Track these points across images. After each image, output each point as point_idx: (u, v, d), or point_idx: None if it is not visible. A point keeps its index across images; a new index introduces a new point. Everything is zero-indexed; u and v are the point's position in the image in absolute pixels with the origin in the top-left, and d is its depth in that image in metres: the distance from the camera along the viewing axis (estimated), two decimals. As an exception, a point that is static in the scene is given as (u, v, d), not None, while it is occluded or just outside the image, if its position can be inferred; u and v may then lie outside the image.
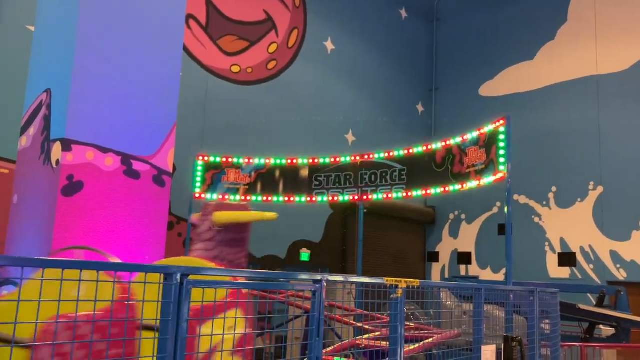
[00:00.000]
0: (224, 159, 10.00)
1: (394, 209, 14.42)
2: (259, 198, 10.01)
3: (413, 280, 3.61)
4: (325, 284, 2.95)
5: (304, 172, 9.98)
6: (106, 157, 5.37)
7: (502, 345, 4.93)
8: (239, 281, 2.68)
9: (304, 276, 3.07)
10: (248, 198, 10.06)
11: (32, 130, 5.72)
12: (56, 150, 5.22)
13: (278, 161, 10.04)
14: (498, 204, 14.99)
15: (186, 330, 2.27)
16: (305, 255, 12.52)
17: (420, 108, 16.85)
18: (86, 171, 5.21)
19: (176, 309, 2.26)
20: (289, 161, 10.02)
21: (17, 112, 6.39)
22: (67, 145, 5.15)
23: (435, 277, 15.98)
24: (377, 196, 9.62)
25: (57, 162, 5.17)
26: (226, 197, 10.06)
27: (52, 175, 5.18)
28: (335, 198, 9.89)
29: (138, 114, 5.58)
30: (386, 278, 3.44)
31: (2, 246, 5.67)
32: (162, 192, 5.73)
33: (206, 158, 10.00)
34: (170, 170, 5.86)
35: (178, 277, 2.29)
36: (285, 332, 10.35)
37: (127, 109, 5.50)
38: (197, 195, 9.82)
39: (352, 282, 3.61)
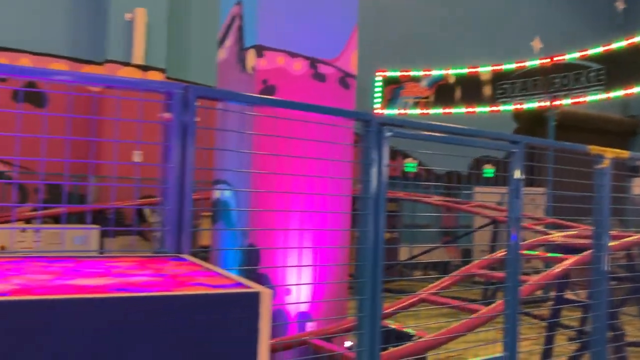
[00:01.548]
0: (402, 73, 9.92)
1: (589, 120, 13.14)
2: (439, 111, 9.83)
3: (621, 151, 3.32)
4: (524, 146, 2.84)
5: (487, 80, 9.52)
6: (295, 62, 5.64)
7: None
8: (434, 134, 2.68)
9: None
10: (427, 111, 9.93)
11: (228, 42, 6.19)
12: (250, 57, 5.61)
13: (458, 71, 9.68)
14: None
15: (385, 173, 2.34)
16: (489, 171, 12.12)
17: (620, 5, 14.85)
18: (278, 75, 5.54)
19: (377, 153, 2.34)
20: (470, 70, 9.62)
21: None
22: (260, 51, 5.50)
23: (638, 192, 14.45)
24: (570, 101, 8.87)
25: (253, 68, 5.56)
26: (406, 111, 10.04)
27: (249, 81, 5.60)
28: (521, 106, 9.33)
29: (322, 17, 5.74)
30: (591, 147, 3.20)
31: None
32: (347, 94, 5.90)
33: (384, 73, 9.99)
34: (355, 72, 5.98)
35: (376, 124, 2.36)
36: (472, 245, 10.28)
37: (312, 13, 5.68)
38: (377, 111, 9.93)
39: (552, 146, 3.39)
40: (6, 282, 1.29)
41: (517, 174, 2.87)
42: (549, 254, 5.14)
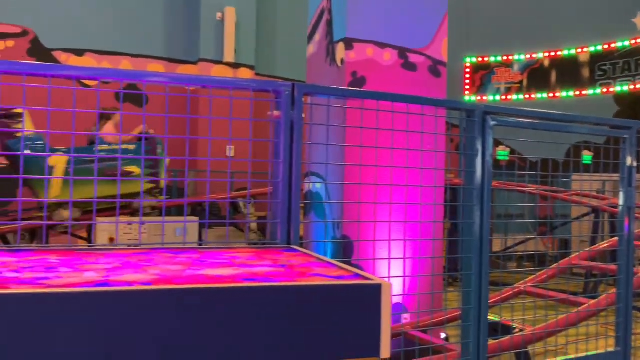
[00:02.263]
0: (493, 58, 9.61)
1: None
2: (528, 96, 9.44)
3: None
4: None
5: (585, 62, 9.03)
6: (384, 52, 5.63)
7: None
8: (533, 121, 2.60)
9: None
10: (510, 97, 9.56)
11: (317, 37, 6.27)
12: (340, 50, 5.66)
13: (552, 54, 9.25)
14: None
15: (490, 163, 2.30)
16: (587, 158, 11.51)
17: None
18: (368, 67, 5.55)
19: (481, 143, 2.30)
20: (566, 52, 9.16)
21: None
22: (349, 44, 5.53)
23: None
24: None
25: (342, 61, 5.61)
26: (488, 97, 9.73)
27: (339, 74, 5.66)
28: (612, 89, 8.77)
29: (411, 5, 5.68)
30: None
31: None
32: (438, 82, 5.82)
33: (474, 59, 9.72)
34: (445, 60, 5.87)
35: (480, 114, 2.32)
36: (569, 236, 9.82)
37: (401, 2, 5.64)
38: (466, 98, 9.70)
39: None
40: (144, 273, 1.40)
41: (630, 161, 2.73)
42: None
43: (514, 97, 9.51)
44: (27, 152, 5.65)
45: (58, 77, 1.96)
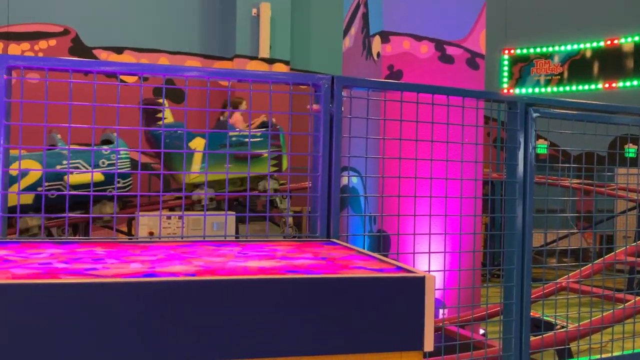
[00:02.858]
0: (532, 50, 9.41)
1: None
2: (570, 88, 9.21)
3: None
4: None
5: (629, 52, 8.75)
6: (421, 45, 5.56)
7: None
8: (576, 112, 2.53)
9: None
10: (556, 89, 9.34)
11: (353, 31, 6.25)
12: (376, 43, 5.62)
13: (594, 44, 9.00)
14: None
15: (534, 156, 2.26)
16: (631, 151, 11.17)
17: None
18: (404, 60, 5.50)
19: (523, 136, 2.26)
20: (609, 42, 8.90)
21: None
22: (385, 37, 5.49)
23: None
24: None
25: (378, 54, 5.57)
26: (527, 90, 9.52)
27: (375, 67, 5.62)
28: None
29: (448, -3, 5.60)
30: None
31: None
32: (476, 75, 5.73)
33: (512, 51, 9.54)
34: (483, 52, 5.78)
35: (522, 105, 2.27)
36: (612, 231, 9.56)
37: (438, -6, 5.56)
38: (505, 90, 9.53)
39: None
40: (189, 264, 1.42)
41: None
42: None
43: (554, 89, 9.30)
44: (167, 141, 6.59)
45: (101, 73, 2.01)
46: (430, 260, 2.44)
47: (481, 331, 5.43)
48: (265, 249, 1.74)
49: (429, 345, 1.26)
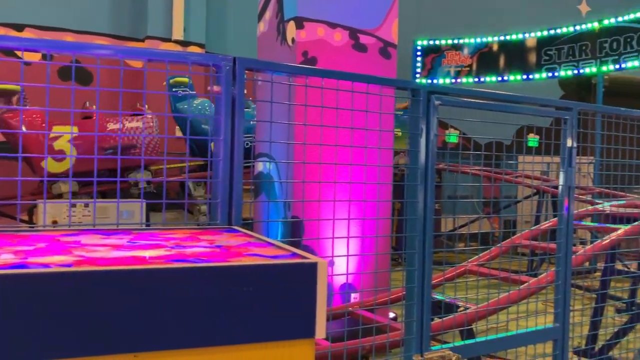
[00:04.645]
0: (443, 41, 9.70)
1: (639, 85, 12.63)
2: (478, 79, 9.58)
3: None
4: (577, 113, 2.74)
5: (532, 47, 9.22)
6: (335, 32, 5.57)
7: None
8: (478, 101, 2.61)
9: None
10: (461, 80, 9.69)
11: (267, 15, 6.15)
12: (290, 29, 5.56)
13: (502, 37, 9.40)
14: None
15: (435, 143, 2.30)
16: (533, 140, 11.83)
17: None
18: (318, 47, 5.49)
19: (425, 123, 2.29)
20: (514, 36, 9.33)
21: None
22: (299, 23, 5.44)
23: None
24: (621, 65, 8.52)
25: (293, 40, 5.52)
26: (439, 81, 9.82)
27: (290, 53, 5.57)
28: (556, 74, 9.00)
29: (362, -15, 5.63)
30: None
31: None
32: (389, 64, 5.81)
33: (424, 42, 9.78)
34: (396, 41, 5.87)
35: (424, 93, 2.31)
36: (515, 216, 10.10)
37: (352, -18, 5.57)
38: (418, 81, 9.77)
39: (606, 112, 3.26)
40: (68, 254, 1.32)
41: (570, 142, 2.78)
42: (597, 225, 5.01)
43: (464, 80, 9.65)
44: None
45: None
46: (334, 246, 2.44)
47: (391, 315, 5.58)
48: (159, 238, 1.66)
49: (321, 332, 1.24)
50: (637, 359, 3.75)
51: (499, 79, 9.45)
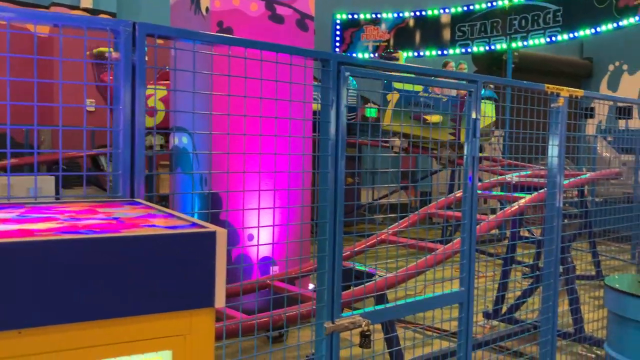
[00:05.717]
0: (362, 16, 9.76)
1: (545, 61, 13.31)
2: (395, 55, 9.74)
3: (576, 90, 3.36)
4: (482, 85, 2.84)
5: (446, 23, 9.46)
6: (251, 3, 5.46)
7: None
8: (394, 74, 2.64)
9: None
10: (377, 54, 9.82)
11: (180, -17, 5.93)
12: (205, -2, 5.40)
13: (418, 13, 9.58)
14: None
15: (345, 114, 2.32)
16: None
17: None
18: (234, 17, 5.37)
19: (335, 95, 2.30)
20: (430, 12, 9.53)
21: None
22: (214, -9, 5.29)
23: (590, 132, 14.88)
24: (529, 42, 8.91)
25: (207, 9, 5.36)
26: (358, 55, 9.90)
27: (204, 23, 5.41)
28: (469, 49, 9.31)
29: (278, -45, 5.53)
30: (547, 85, 3.23)
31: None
32: (306, 36, 5.78)
33: (343, 15, 9.81)
34: (313, 13, 5.84)
35: (334, 64, 2.31)
36: (430, 187, 10.47)
37: (267, -50, 5.47)
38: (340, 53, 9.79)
39: (509, 85, 3.41)
40: (-53, 229, 1.23)
41: (474, 114, 2.89)
42: (504, 194, 5.28)
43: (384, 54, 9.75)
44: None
45: None
46: (243, 217, 2.42)
47: (311, 286, 5.66)
48: (54, 211, 1.57)
49: (220, 301, 1.23)
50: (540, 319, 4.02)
51: (415, 54, 9.65)
